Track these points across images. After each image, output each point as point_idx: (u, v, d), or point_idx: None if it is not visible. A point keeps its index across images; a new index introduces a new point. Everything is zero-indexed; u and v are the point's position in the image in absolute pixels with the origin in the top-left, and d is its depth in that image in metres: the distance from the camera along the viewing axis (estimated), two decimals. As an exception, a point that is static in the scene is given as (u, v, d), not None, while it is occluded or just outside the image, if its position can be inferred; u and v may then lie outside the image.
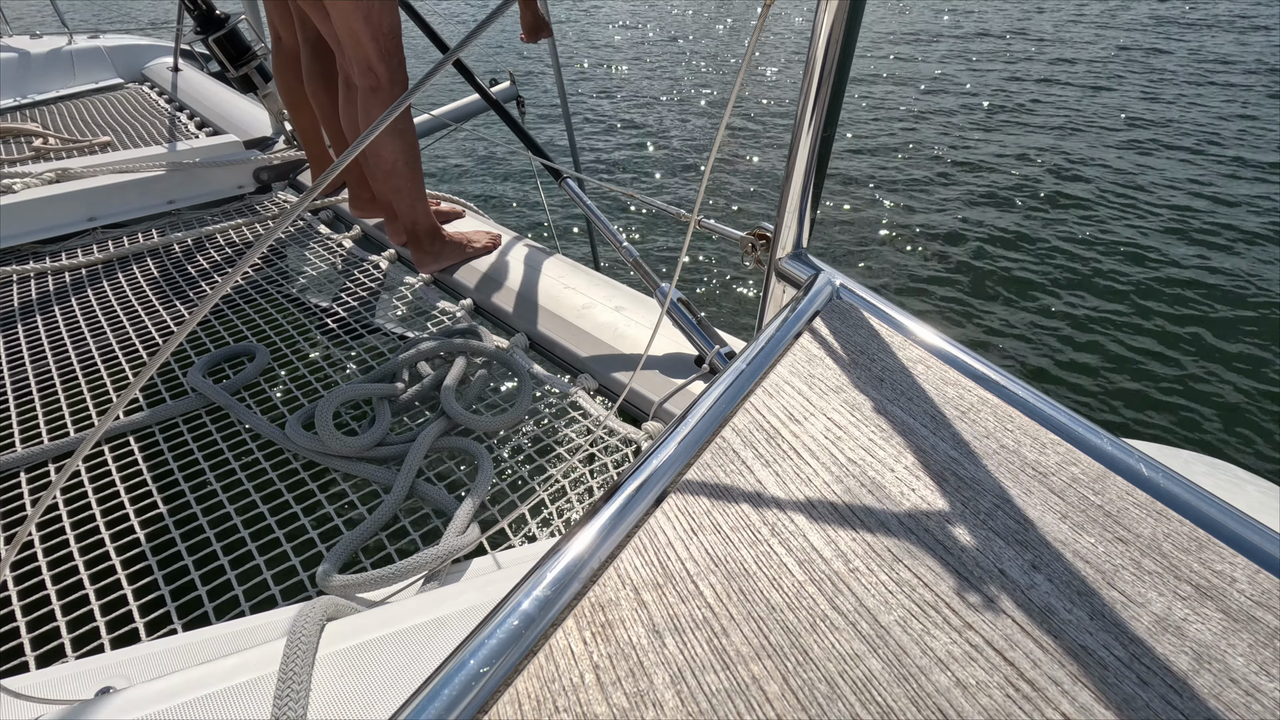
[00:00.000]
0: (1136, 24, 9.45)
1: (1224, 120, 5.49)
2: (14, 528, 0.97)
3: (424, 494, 0.99)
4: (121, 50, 3.46)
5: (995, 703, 0.38)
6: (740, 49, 9.19)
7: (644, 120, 6.25)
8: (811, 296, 0.74)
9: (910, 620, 0.42)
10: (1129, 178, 4.50)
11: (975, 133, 5.49)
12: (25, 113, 2.83)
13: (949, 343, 0.66)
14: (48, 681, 0.65)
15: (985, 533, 0.47)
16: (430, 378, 1.21)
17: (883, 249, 3.79)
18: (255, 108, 2.59)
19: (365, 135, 0.38)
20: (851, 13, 0.67)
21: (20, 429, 1.16)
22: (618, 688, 0.40)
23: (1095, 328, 3.03)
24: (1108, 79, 6.82)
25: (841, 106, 0.74)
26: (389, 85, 1.39)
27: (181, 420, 1.18)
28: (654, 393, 1.14)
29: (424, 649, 0.60)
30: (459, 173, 5.16)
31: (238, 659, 0.60)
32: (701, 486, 0.53)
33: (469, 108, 2.32)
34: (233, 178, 2.15)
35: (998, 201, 4.28)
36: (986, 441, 0.55)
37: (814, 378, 0.64)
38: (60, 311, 1.51)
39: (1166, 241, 3.69)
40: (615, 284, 1.49)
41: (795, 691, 0.39)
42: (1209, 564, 0.44)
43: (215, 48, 2.13)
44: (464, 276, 1.58)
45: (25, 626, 0.82)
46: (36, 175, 1.92)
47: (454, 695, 0.38)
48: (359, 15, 1.29)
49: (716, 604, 0.44)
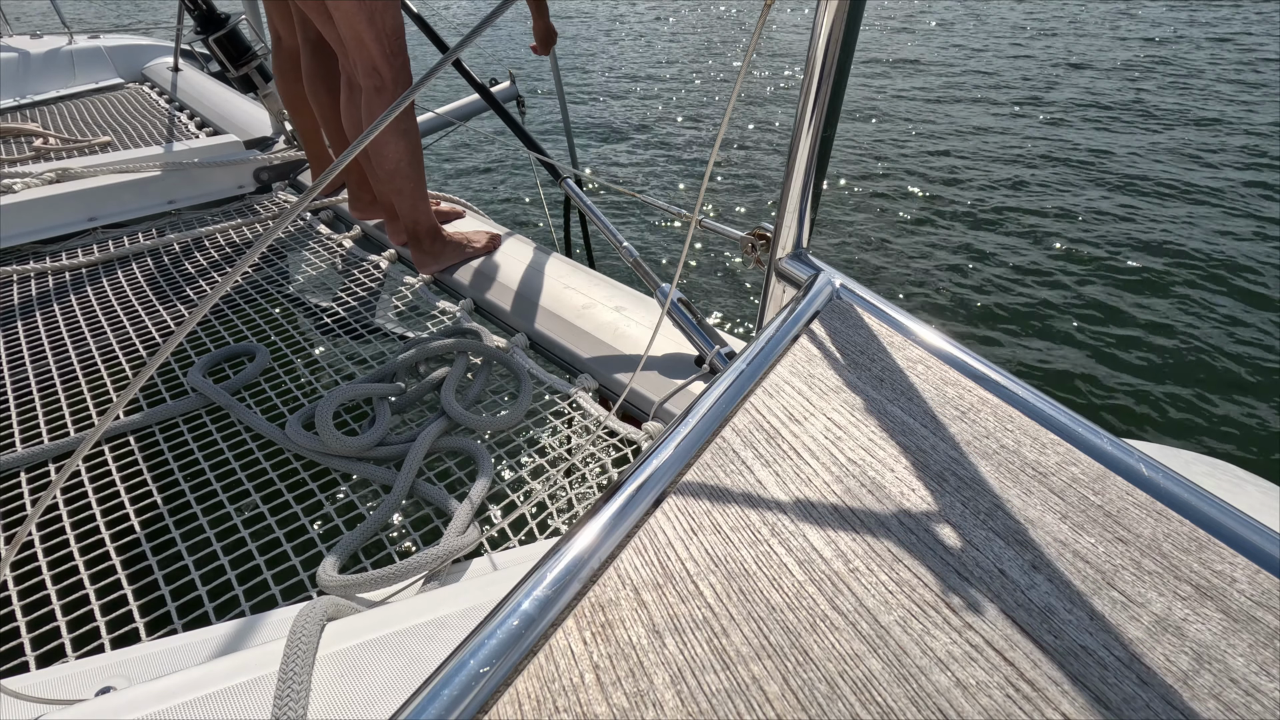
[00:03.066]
0: (1151, 19, 9.45)
1: (1228, 122, 5.49)
2: (14, 528, 0.97)
3: (424, 494, 0.99)
4: (122, 50, 3.46)
5: (995, 703, 0.38)
6: (740, 49, 9.19)
7: (644, 120, 6.25)
8: (811, 297, 0.74)
9: (910, 620, 0.42)
10: (1131, 177, 4.50)
11: (977, 131, 5.49)
12: (25, 113, 2.83)
13: (949, 343, 0.66)
14: (48, 681, 0.65)
15: (985, 533, 0.47)
16: (430, 378, 1.21)
17: (883, 248, 3.79)
18: (255, 108, 2.59)
19: (365, 135, 0.38)
20: (851, 13, 0.67)
21: (20, 429, 1.16)
22: (618, 688, 0.40)
23: (1096, 327, 3.03)
24: (1117, 73, 6.83)
25: (841, 106, 0.74)
26: (393, 85, 1.39)
27: (181, 420, 1.18)
28: (654, 393, 1.14)
29: (424, 649, 0.60)
30: (459, 173, 5.16)
31: (238, 659, 0.60)
32: (701, 487, 0.53)
33: (469, 108, 2.32)
34: (233, 178, 2.15)
35: (998, 201, 4.28)
36: (986, 441, 0.55)
37: (814, 378, 0.64)
38: (60, 311, 1.51)
39: (1167, 242, 3.69)
40: (615, 284, 1.49)
41: (795, 691, 0.39)
42: (1209, 564, 0.44)
43: (215, 48, 2.13)
44: (464, 276, 1.58)
45: (25, 626, 0.82)
46: (37, 175, 1.92)
47: (454, 695, 0.38)
48: (363, 16, 1.29)
49: (716, 604, 0.44)
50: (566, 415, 1.15)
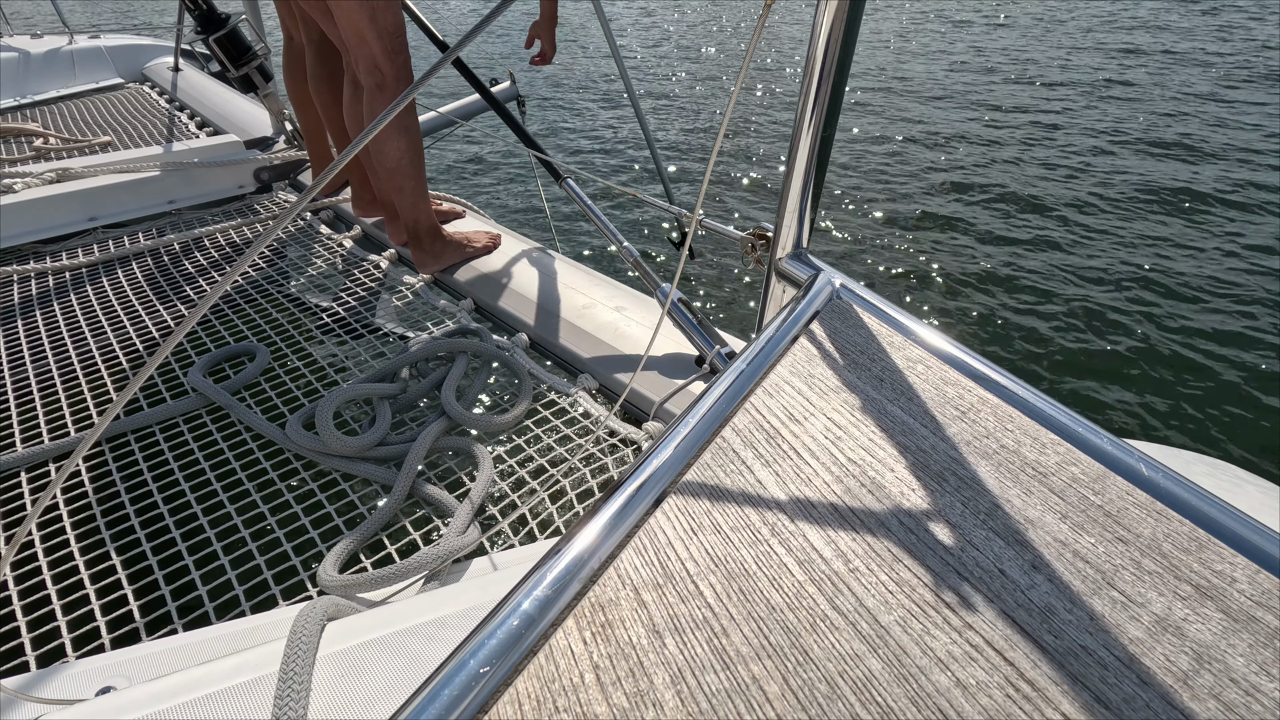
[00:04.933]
0: (1147, 24, 9.45)
1: (1232, 123, 5.49)
2: (14, 528, 0.97)
3: (424, 494, 0.99)
4: (122, 50, 3.46)
5: (995, 703, 0.38)
6: (741, 48, 9.19)
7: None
8: (811, 296, 0.74)
9: (910, 620, 0.42)
10: (1133, 177, 4.50)
11: (977, 132, 5.49)
12: (25, 113, 2.83)
13: (949, 342, 0.66)
14: (48, 681, 0.65)
15: (985, 533, 0.47)
16: (430, 378, 1.21)
17: (883, 249, 3.79)
18: (256, 108, 2.59)
19: (365, 134, 0.38)
20: (851, 13, 0.67)
21: (20, 429, 1.16)
22: (618, 688, 0.40)
23: (1095, 327, 3.03)
24: (1119, 78, 6.82)
25: (841, 106, 0.74)
26: (394, 84, 1.39)
27: (182, 420, 1.18)
28: (654, 393, 1.14)
29: (424, 649, 0.60)
30: (459, 173, 5.16)
31: (238, 659, 0.60)
32: (701, 487, 0.53)
33: (469, 108, 2.32)
34: (233, 178, 2.15)
35: (999, 201, 4.28)
36: (986, 441, 0.55)
37: (814, 378, 0.64)
38: (60, 311, 1.51)
39: (1169, 241, 3.69)
40: (616, 284, 1.49)
41: (795, 691, 0.39)
42: (1209, 564, 0.44)
43: (216, 48, 2.12)
44: (464, 276, 1.58)
45: (25, 626, 0.82)
46: (37, 175, 1.92)
47: (454, 695, 0.38)
48: (364, 15, 1.30)
49: (716, 604, 0.44)
50: (567, 415, 1.15)
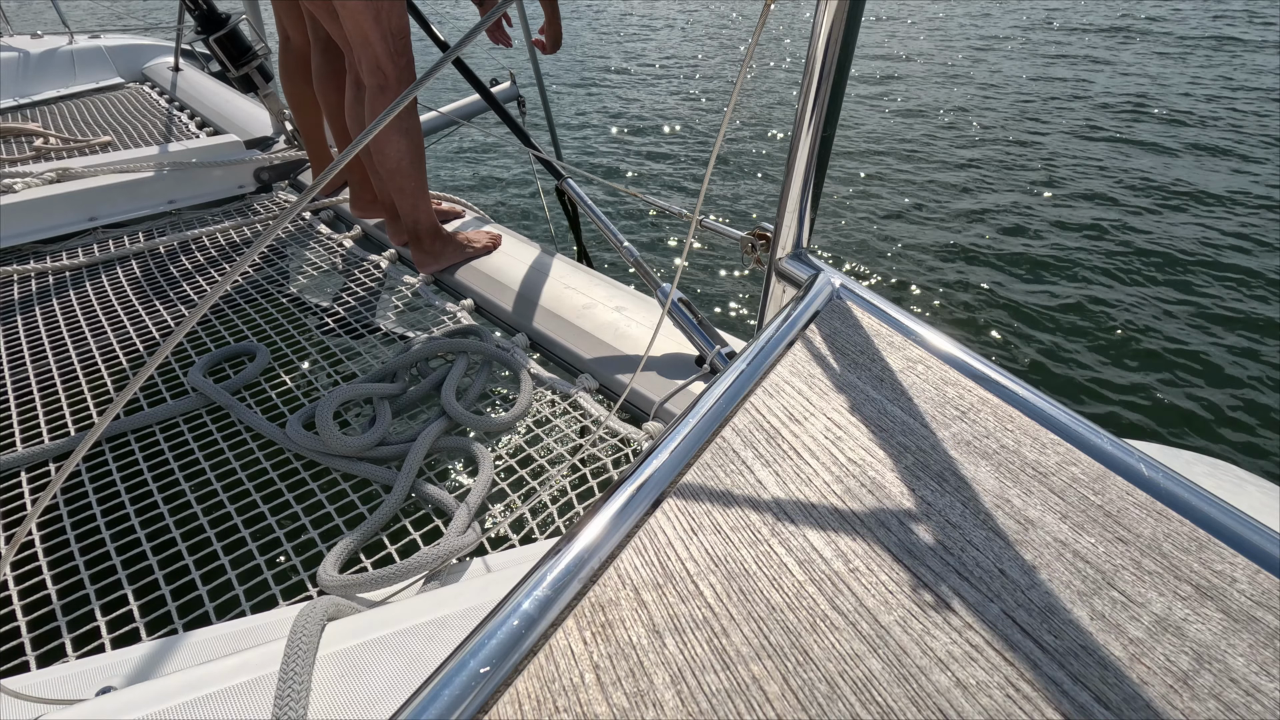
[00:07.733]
0: (1153, 20, 9.45)
1: (1230, 121, 5.48)
2: (14, 528, 0.97)
3: (424, 494, 0.99)
4: (122, 50, 3.46)
5: (995, 703, 0.38)
6: (740, 48, 9.19)
7: (645, 120, 6.25)
8: (811, 296, 0.74)
9: (910, 620, 0.42)
10: (1134, 177, 4.49)
11: (978, 132, 5.49)
12: (26, 112, 2.83)
13: (949, 342, 0.66)
14: (48, 681, 0.65)
15: (985, 533, 0.47)
16: (430, 378, 1.21)
17: (883, 249, 3.79)
18: (256, 108, 2.59)
19: (365, 134, 0.38)
20: (851, 13, 0.67)
21: (20, 429, 1.16)
22: (618, 688, 0.40)
23: (1095, 327, 3.03)
24: (1119, 73, 6.82)
25: (841, 106, 0.74)
26: (397, 85, 1.39)
27: (182, 420, 1.18)
28: (654, 393, 1.14)
29: (424, 649, 0.60)
30: (459, 172, 5.16)
31: (238, 659, 0.60)
32: (701, 487, 0.53)
33: (469, 108, 2.32)
34: (233, 177, 2.15)
35: (997, 202, 4.28)
36: (986, 441, 0.55)
37: (814, 378, 0.64)
38: (61, 311, 1.51)
39: (1169, 241, 3.69)
40: (616, 284, 1.49)
41: (795, 691, 0.39)
42: (1209, 564, 0.44)
43: (216, 47, 2.12)
44: (464, 276, 1.58)
45: (25, 626, 0.82)
46: (37, 175, 1.92)
47: (454, 695, 0.38)
48: (369, 15, 1.30)
49: (716, 604, 0.44)
50: (567, 415, 1.15)
